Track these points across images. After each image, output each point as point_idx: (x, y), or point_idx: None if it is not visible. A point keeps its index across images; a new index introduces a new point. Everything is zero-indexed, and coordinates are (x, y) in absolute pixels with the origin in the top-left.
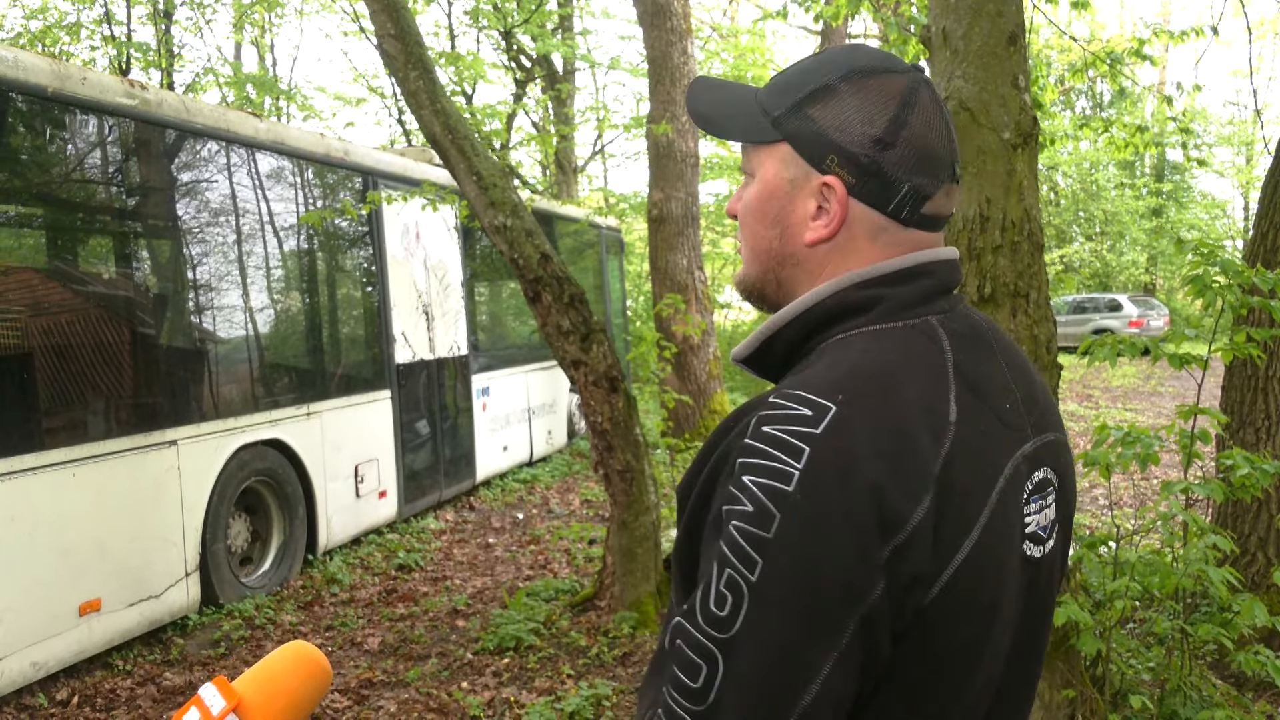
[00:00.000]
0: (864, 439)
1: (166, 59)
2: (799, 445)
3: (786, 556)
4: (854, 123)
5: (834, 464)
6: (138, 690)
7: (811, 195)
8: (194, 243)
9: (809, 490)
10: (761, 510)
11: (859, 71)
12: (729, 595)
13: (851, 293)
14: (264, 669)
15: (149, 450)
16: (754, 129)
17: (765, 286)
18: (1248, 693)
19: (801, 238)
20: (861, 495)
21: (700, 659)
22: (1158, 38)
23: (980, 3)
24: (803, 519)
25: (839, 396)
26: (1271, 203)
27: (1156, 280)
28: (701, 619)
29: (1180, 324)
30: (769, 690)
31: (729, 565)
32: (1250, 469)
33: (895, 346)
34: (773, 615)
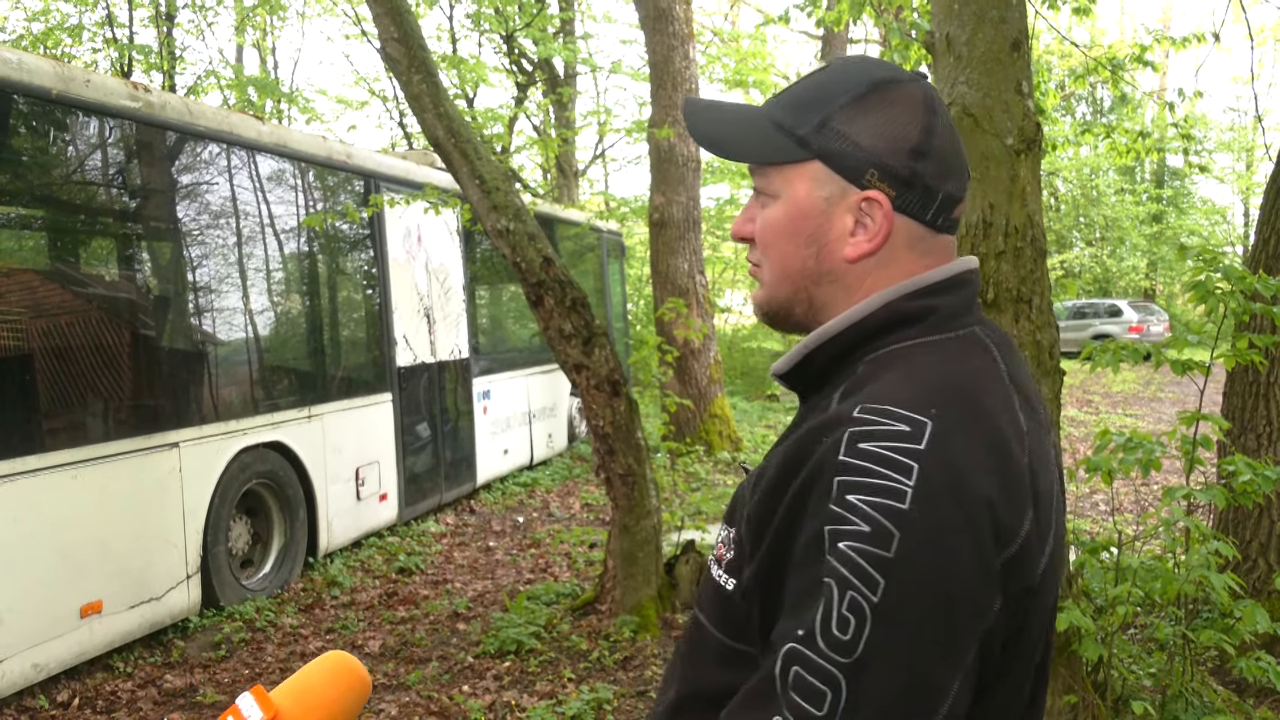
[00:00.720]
0: (969, 454)
1: (168, 61)
2: (907, 462)
3: (911, 575)
4: (888, 135)
5: (947, 480)
6: (139, 692)
7: (849, 211)
8: (196, 245)
9: (926, 507)
10: (879, 529)
11: (880, 83)
12: (852, 618)
13: (903, 304)
14: (302, 680)
15: (151, 452)
16: (777, 149)
17: (795, 307)
18: (1249, 698)
19: (839, 254)
20: (978, 510)
21: (825, 685)
22: (1159, 44)
23: (984, 9)
24: (924, 536)
25: (931, 410)
26: (1273, 209)
27: (1156, 286)
28: (823, 644)
29: (1180, 330)
30: (903, 711)
31: (850, 587)
32: (1252, 475)
33: (960, 357)
34: (901, 636)
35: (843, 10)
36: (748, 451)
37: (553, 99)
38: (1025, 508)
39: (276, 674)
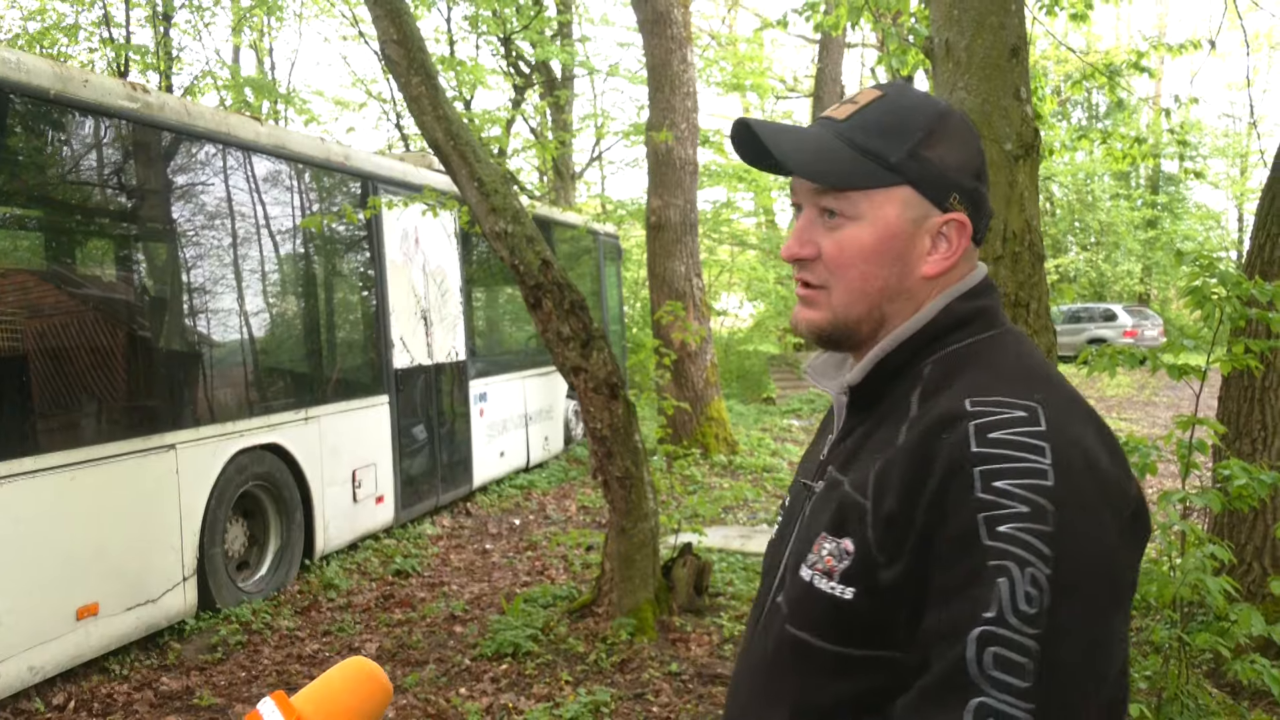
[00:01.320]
0: (1081, 428)
1: (165, 62)
2: (1039, 443)
3: (1074, 544)
4: (961, 161)
5: (1077, 455)
6: (134, 695)
7: (928, 232)
8: (194, 246)
9: (1069, 481)
10: (1037, 508)
11: (943, 113)
12: (1035, 592)
13: (958, 305)
14: (324, 686)
15: (147, 454)
16: (870, 175)
17: (864, 325)
18: (1243, 701)
19: (918, 272)
20: (1106, 478)
21: (1024, 658)
22: (1156, 50)
23: (983, 15)
24: (1075, 507)
25: (1035, 395)
26: (1269, 214)
27: (1151, 291)
28: (1015, 620)
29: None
30: (1087, 670)
31: (1027, 565)
32: (1248, 479)
33: (1023, 349)
34: (1079, 600)
35: (840, 15)
36: (744, 454)
37: (550, 101)
38: (1131, 474)
39: (273, 676)
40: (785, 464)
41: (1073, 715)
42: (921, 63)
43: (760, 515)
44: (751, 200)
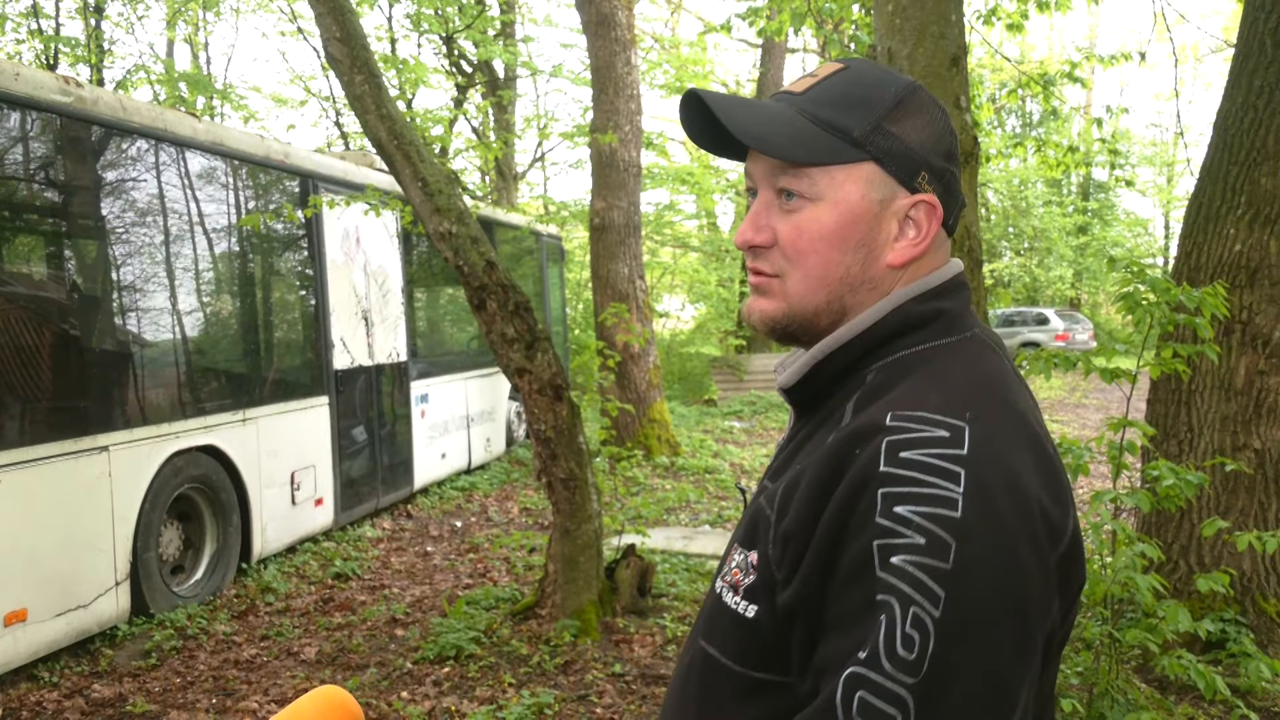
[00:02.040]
0: (1012, 454)
1: (96, 55)
2: (952, 468)
3: (972, 586)
4: (930, 138)
5: (998, 483)
6: (65, 703)
7: (895, 215)
8: (130, 245)
9: (980, 513)
10: (935, 541)
11: (910, 86)
12: (916, 635)
13: (912, 307)
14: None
15: (79, 456)
16: (830, 149)
17: (823, 317)
18: (1170, 696)
19: (883, 260)
20: (1030, 511)
21: (893, 708)
22: (1089, 61)
23: (924, 25)
24: (981, 544)
25: (966, 414)
26: (1194, 223)
27: (1082, 295)
28: (888, 664)
29: (1104, 338)
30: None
31: (911, 603)
32: (1175, 479)
33: (979, 359)
34: (967, 651)
35: (784, 21)
36: (686, 456)
37: (493, 101)
38: (1069, 504)
39: (209, 682)
40: (727, 465)
41: None
42: None
43: (702, 516)
44: (693, 203)
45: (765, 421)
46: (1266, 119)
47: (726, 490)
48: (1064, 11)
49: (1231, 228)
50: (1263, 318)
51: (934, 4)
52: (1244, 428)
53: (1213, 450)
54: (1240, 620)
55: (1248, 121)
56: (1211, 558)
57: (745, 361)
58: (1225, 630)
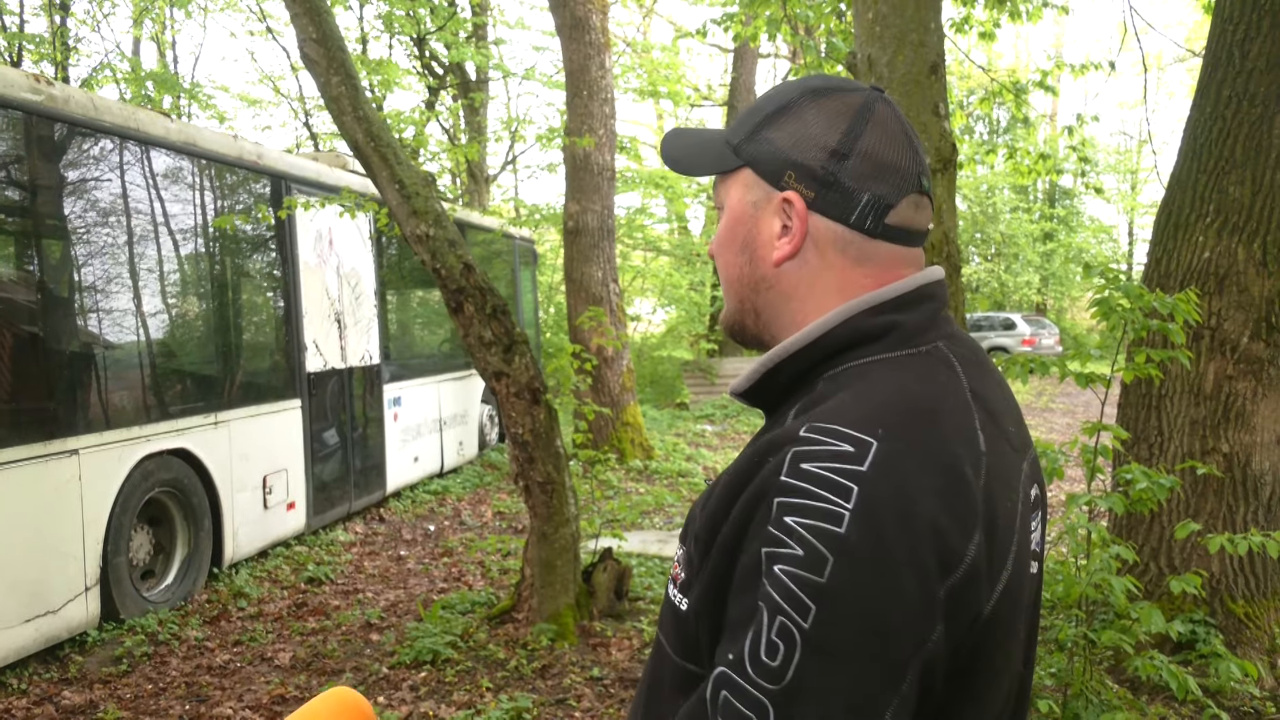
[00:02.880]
0: (914, 475)
1: (61, 52)
2: (846, 484)
3: (843, 603)
4: (809, 138)
5: (889, 503)
6: (34, 710)
7: (774, 214)
8: (102, 246)
9: (864, 532)
10: (813, 554)
11: (813, 91)
12: (781, 644)
13: (863, 319)
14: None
15: (48, 460)
16: (717, 160)
17: (744, 318)
18: (1142, 696)
19: (769, 259)
20: (922, 535)
21: (751, 711)
22: (1059, 69)
23: (904, 33)
24: (859, 562)
25: (878, 431)
26: (1164, 231)
27: (1048, 300)
28: (752, 670)
29: (1070, 343)
30: None
31: (780, 613)
32: (1148, 483)
33: (919, 376)
34: (830, 665)
35: (759, 25)
36: (659, 459)
37: (465, 103)
38: (973, 531)
39: (182, 689)
40: (700, 469)
41: None
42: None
43: (676, 520)
44: (664, 207)
45: (737, 425)
46: (1234, 128)
47: (700, 493)
48: (1035, 21)
49: (1201, 235)
50: (1231, 324)
51: (914, 12)
52: (1213, 432)
53: (1182, 454)
54: (1209, 621)
55: (1216, 131)
56: (1181, 559)
57: (717, 365)
58: (1195, 631)
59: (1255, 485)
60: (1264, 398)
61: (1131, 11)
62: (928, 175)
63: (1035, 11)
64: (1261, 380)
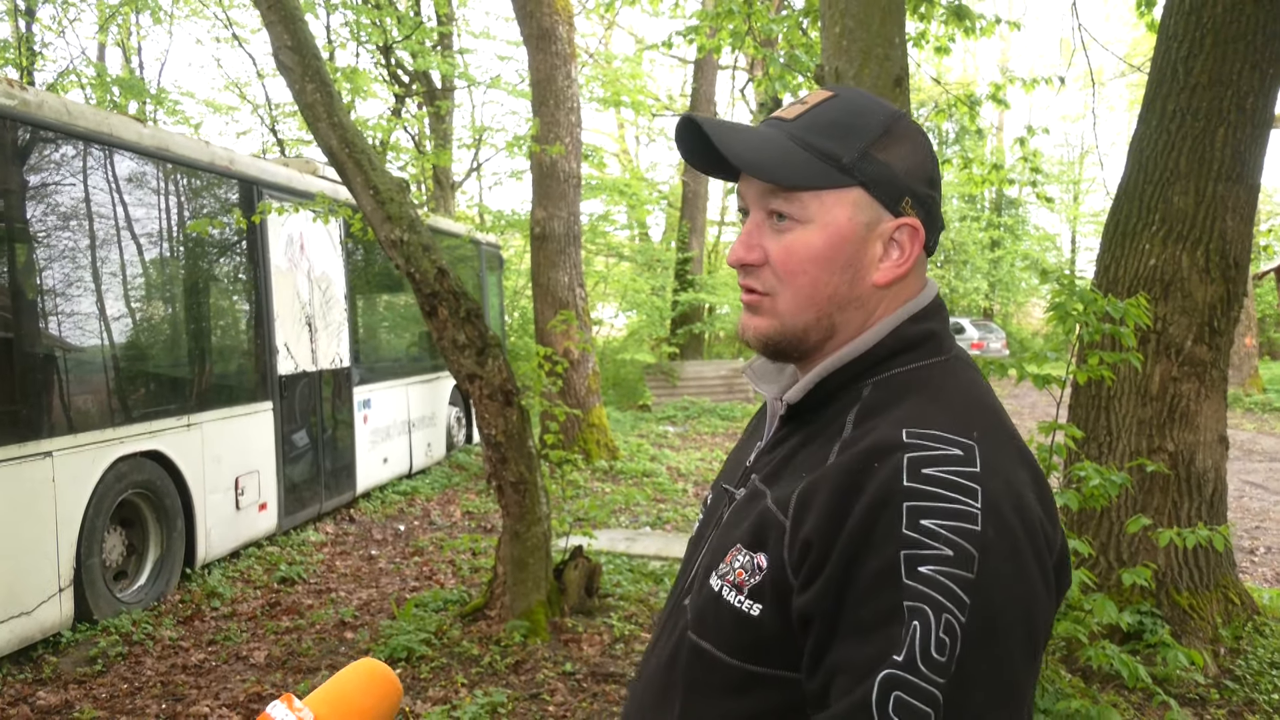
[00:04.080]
0: (1016, 473)
1: (27, 57)
2: (971, 485)
3: (994, 594)
4: (915, 165)
5: (1008, 500)
6: (10, 710)
7: (880, 238)
8: (74, 250)
9: (997, 527)
10: (961, 553)
11: (896, 115)
12: (947, 639)
13: (908, 328)
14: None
15: (22, 461)
16: (821, 175)
17: (812, 334)
18: (1094, 684)
19: (869, 280)
20: (1034, 525)
21: (928, 707)
22: (1010, 84)
23: (870, 46)
24: (999, 555)
25: (974, 433)
26: (1112, 239)
27: (995, 306)
28: (924, 666)
29: (1015, 346)
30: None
31: (942, 610)
32: (1100, 480)
33: (970, 380)
34: (990, 652)
35: (724, 39)
36: (624, 460)
37: (430, 111)
38: (1055, 517)
39: (158, 688)
40: (664, 469)
41: None
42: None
43: (642, 519)
44: (625, 214)
45: (698, 426)
46: (1179, 141)
47: (664, 493)
48: (988, 36)
49: (1147, 243)
50: (1176, 328)
51: (879, 27)
52: (1159, 431)
53: (1130, 452)
54: (1156, 613)
55: (1161, 144)
56: (1130, 553)
57: (678, 368)
58: (1143, 622)
59: (1199, 482)
60: (1207, 399)
61: (1081, 29)
62: None
63: (989, 27)
64: (1205, 382)
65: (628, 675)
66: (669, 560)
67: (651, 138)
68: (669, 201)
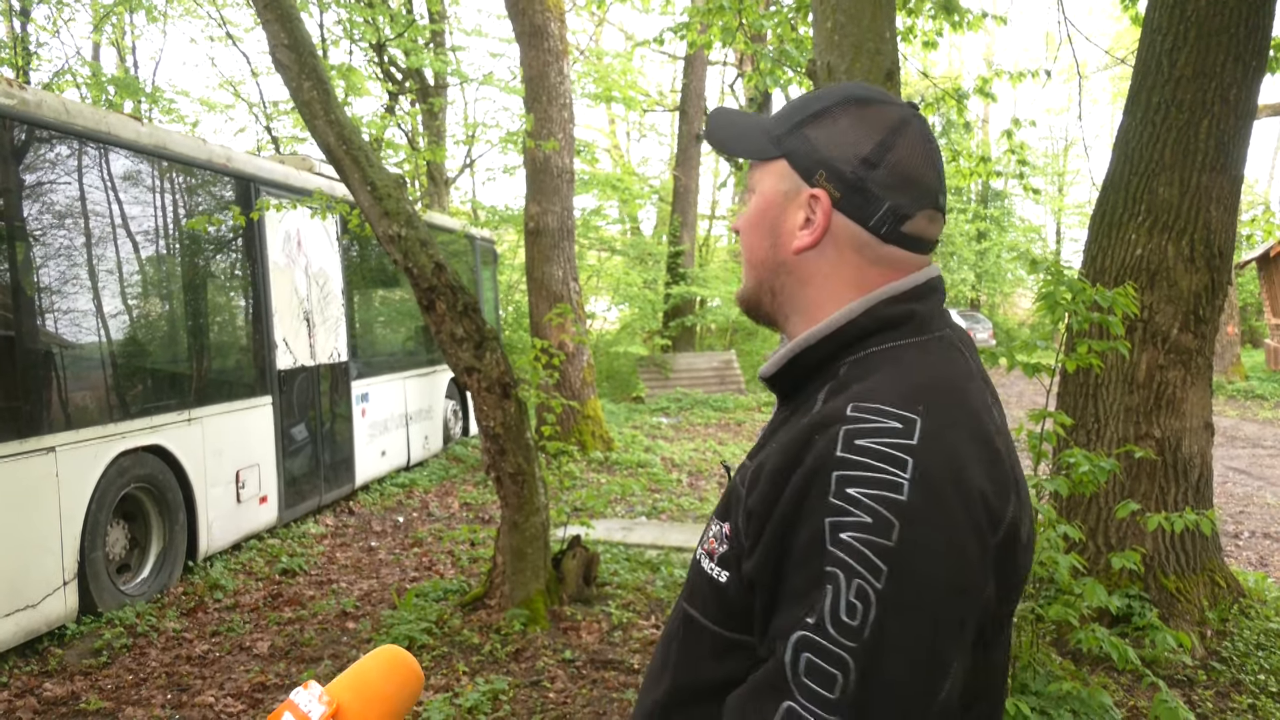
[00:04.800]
0: (959, 445)
1: (22, 57)
2: (901, 456)
3: (911, 562)
4: (844, 143)
5: (942, 471)
6: (16, 702)
7: (801, 207)
8: (75, 248)
9: (923, 498)
10: (880, 520)
11: (856, 100)
12: (859, 604)
13: (884, 308)
14: (358, 673)
15: (26, 457)
16: (758, 148)
17: (761, 296)
18: (1084, 667)
19: (790, 246)
20: (971, 499)
21: (836, 669)
22: (998, 77)
23: (861, 41)
24: (921, 525)
25: (919, 407)
26: (1099, 230)
27: (981, 296)
28: (833, 629)
29: (1002, 336)
30: (910, 689)
31: (855, 575)
32: (1090, 466)
33: (943, 359)
34: (904, 619)
35: (714, 34)
36: (619, 451)
37: (424, 108)
38: (1009, 494)
39: (163, 678)
40: (658, 459)
41: None
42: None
43: (638, 509)
44: (618, 208)
45: (691, 417)
46: (1163, 133)
47: (659, 483)
48: (975, 30)
49: (1133, 234)
50: (1162, 316)
51: (869, 22)
52: (1146, 418)
53: (1118, 439)
54: (1144, 596)
55: (1146, 136)
56: (1118, 538)
57: (671, 360)
58: (1131, 605)
59: (1185, 468)
60: (1192, 386)
61: (1066, 22)
62: (944, 195)
63: (975, 21)
64: (1190, 369)
65: (626, 662)
66: (665, 549)
67: (643, 133)
68: (660, 196)
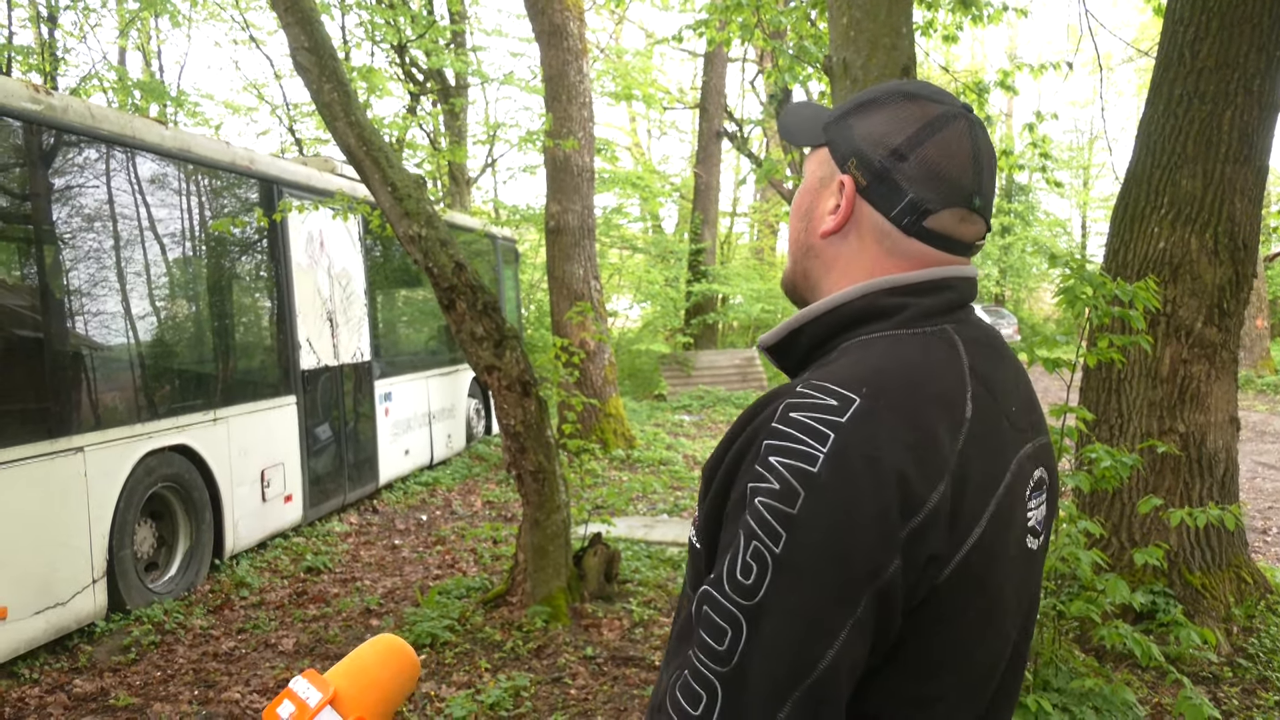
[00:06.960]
0: (887, 429)
1: (50, 63)
2: (825, 431)
3: (810, 531)
4: (879, 133)
5: (859, 449)
6: (47, 698)
7: (833, 193)
8: (101, 250)
9: (833, 471)
10: (787, 488)
11: (905, 95)
12: (754, 565)
13: (880, 297)
14: (355, 661)
15: (55, 457)
16: (811, 135)
17: (796, 279)
18: (1107, 664)
19: (818, 230)
20: (885, 479)
21: (726, 624)
22: (1019, 70)
23: (877, 37)
24: (826, 498)
25: (863, 390)
26: (1121, 223)
27: (1006, 292)
28: (728, 587)
29: (1027, 332)
30: (792, 652)
31: (755, 538)
32: (1111, 461)
33: (915, 349)
34: (796, 584)
35: (733, 31)
36: (641, 449)
37: (445, 109)
38: (937, 483)
39: (190, 675)
40: (680, 457)
41: (758, 690)
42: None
43: (660, 506)
44: (639, 206)
45: (714, 415)
46: (1186, 125)
47: (681, 481)
48: (996, 23)
49: (1156, 226)
50: (1185, 310)
51: (886, 17)
52: (1169, 413)
53: (1141, 434)
54: (1168, 592)
55: (1169, 128)
56: (1141, 533)
57: (693, 358)
58: (1155, 602)
59: (1210, 463)
60: (1217, 380)
61: (1087, 14)
62: (983, 197)
63: (996, 14)
64: (1215, 363)
65: (647, 659)
66: (686, 546)
67: (663, 130)
68: (681, 194)
